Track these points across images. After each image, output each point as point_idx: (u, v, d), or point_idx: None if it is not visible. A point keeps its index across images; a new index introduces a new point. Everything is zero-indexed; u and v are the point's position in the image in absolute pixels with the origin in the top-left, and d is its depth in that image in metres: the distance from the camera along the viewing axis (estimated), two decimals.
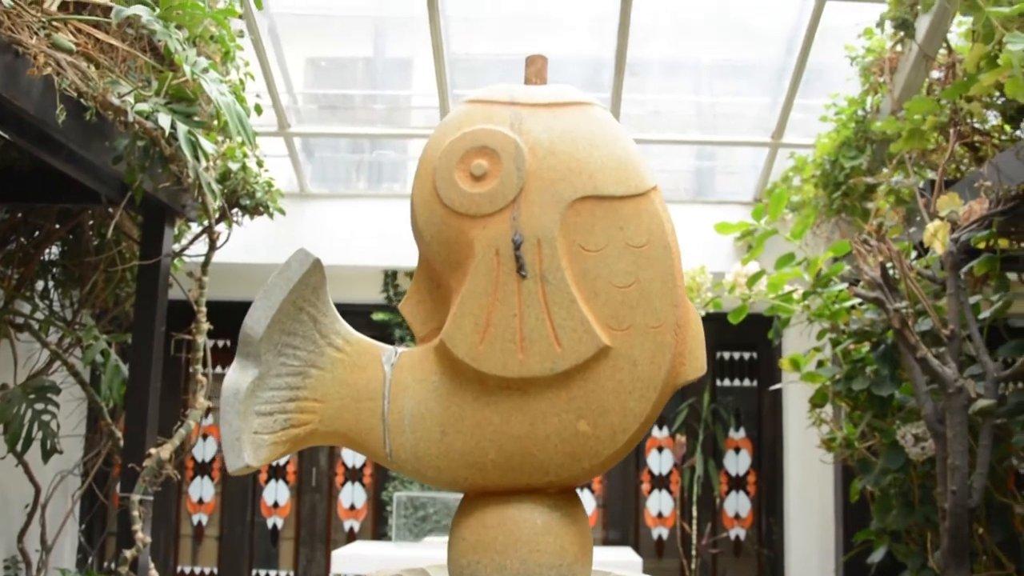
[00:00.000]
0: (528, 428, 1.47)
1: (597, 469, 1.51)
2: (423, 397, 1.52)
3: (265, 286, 1.54)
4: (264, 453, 1.49)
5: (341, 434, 1.55)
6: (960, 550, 3.04)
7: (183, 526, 6.70)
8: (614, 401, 1.47)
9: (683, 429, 6.33)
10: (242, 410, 1.48)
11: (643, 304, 1.48)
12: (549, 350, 1.46)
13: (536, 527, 1.48)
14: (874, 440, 3.64)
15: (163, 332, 3.80)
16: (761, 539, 6.50)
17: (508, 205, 1.51)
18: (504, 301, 1.47)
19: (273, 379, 1.53)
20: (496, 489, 1.52)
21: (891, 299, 2.94)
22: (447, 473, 1.51)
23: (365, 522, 6.64)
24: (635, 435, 1.49)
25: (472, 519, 1.53)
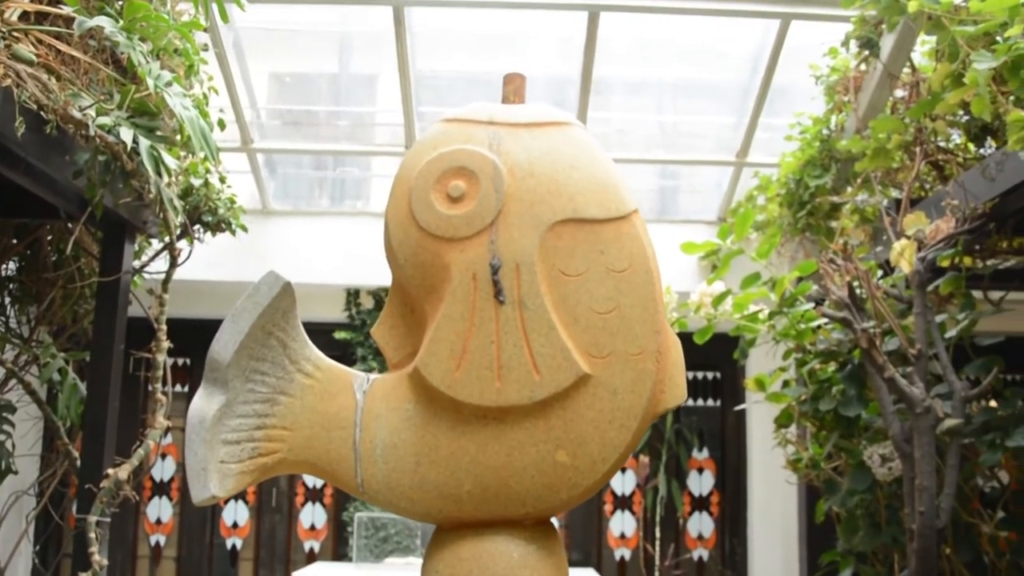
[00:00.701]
0: (505, 458, 1.44)
1: (575, 500, 1.49)
2: (396, 426, 1.48)
3: (233, 309, 1.49)
4: (231, 483, 1.44)
5: (311, 463, 1.51)
6: (928, 571, 3.04)
7: (140, 547, 6.58)
8: (593, 431, 1.44)
9: (646, 449, 6.32)
10: (208, 438, 1.43)
11: (624, 331, 1.45)
12: (527, 378, 1.43)
13: (512, 561, 1.44)
14: (840, 461, 3.64)
15: (122, 350, 3.73)
16: (724, 560, 6.49)
17: (486, 228, 1.47)
18: (481, 327, 1.44)
19: (241, 406, 1.48)
20: (471, 521, 1.48)
21: (858, 319, 2.94)
22: (421, 505, 1.47)
23: (326, 543, 6.56)
24: (614, 465, 1.47)
25: (446, 552, 1.49)
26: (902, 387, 2.89)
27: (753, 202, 5.37)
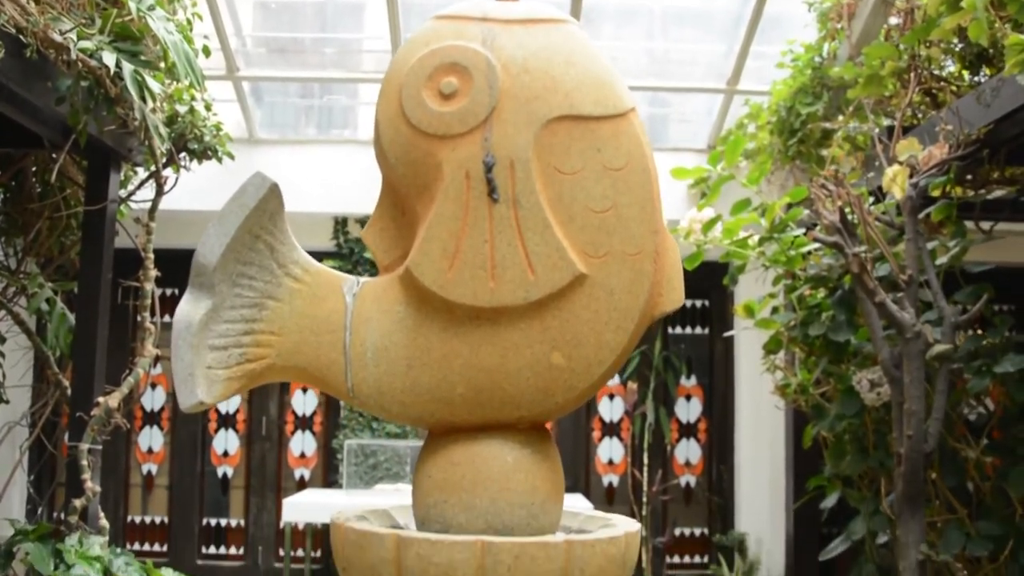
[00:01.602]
0: (499, 360, 1.41)
1: (571, 404, 1.46)
2: (387, 329, 1.45)
3: (219, 212, 1.46)
4: (218, 389, 1.41)
5: (300, 369, 1.48)
6: (915, 494, 3.08)
7: (133, 476, 6.62)
8: (589, 332, 1.41)
9: (634, 376, 6.35)
10: (195, 343, 1.40)
11: (621, 230, 1.42)
12: (522, 278, 1.40)
13: (506, 464, 1.42)
14: (828, 386, 3.66)
15: (110, 280, 3.71)
16: (712, 486, 6.57)
17: (479, 125, 1.44)
18: (474, 226, 1.40)
19: (228, 311, 1.45)
20: (464, 425, 1.46)
21: (850, 243, 2.93)
22: (413, 408, 1.45)
23: (315, 470, 6.61)
24: (611, 368, 1.44)
25: (439, 457, 1.47)
26: (892, 312, 2.89)
27: (744, 130, 5.33)
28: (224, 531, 6.61)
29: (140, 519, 6.62)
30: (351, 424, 6.09)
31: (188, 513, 6.54)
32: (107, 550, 3.49)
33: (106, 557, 3.44)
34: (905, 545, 3.09)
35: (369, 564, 1.07)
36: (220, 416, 6.61)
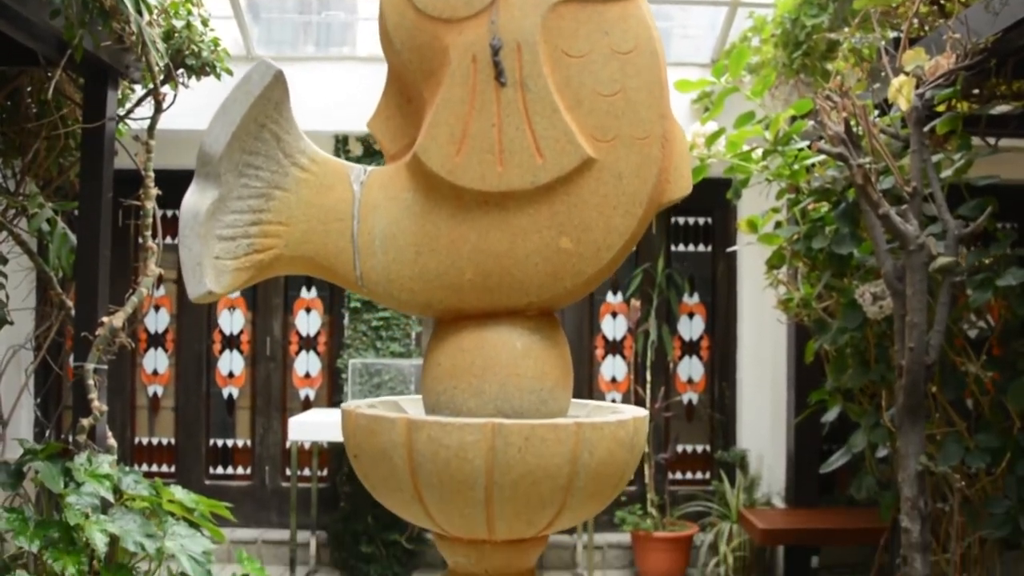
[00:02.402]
0: (507, 246, 1.39)
1: (579, 289, 1.45)
2: (395, 216, 1.43)
3: (223, 101, 1.43)
4: (227, 279, 1.40)
5: (308, 258, 1.46)
6: (915, 406, 3.09)
7: (139, 398, 6.68)
8: (598, 217, 1.39)
9: (637, 294, 6.35)
10: (202, 233, 1.39)
11: (629, 114, 1.39)
12: (530, 161, 1.38)
13: (515, 350, 1.41)
14: (831, 300, 3.66)
15: (111, 199, 3.69)
16: (714, 404, 6.63)
17: (485, 8, 1.40)
18: (482, 110, 1.38)
19: (234, 202, 1.43)
20: (473, 312, 1.45)
21: (854, 154, 2.91)
22: (421, 295, 1.44)
23: (320, 390, 6.66)
24: (619, 253, 1.43)
25: (448, 343, 1.45)
26: (896, 224, 2.88)
27: (748, 43, 5.25)
28: (231, 451, 6.69)
29: (147, 440, 6.69)
30: (355, 344, 6.12)
31: (194, 434, 6.61)
32: (116, 468, 3.53)
33: (115, 475, 3.48)
34: (905, 456, 3.12)
35: (380, 448, 1.07)
36: (224, 337, 6.64)
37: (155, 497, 3.53)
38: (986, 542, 3.41)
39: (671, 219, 6.69)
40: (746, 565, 5.66)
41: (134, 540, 3.29)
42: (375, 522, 5.84)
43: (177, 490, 3.66)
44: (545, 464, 1.05)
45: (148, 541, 3.32)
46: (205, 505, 3.69)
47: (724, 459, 6.29)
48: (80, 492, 3.32)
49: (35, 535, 3.22)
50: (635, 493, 6.41)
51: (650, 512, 5.86)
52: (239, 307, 6.65)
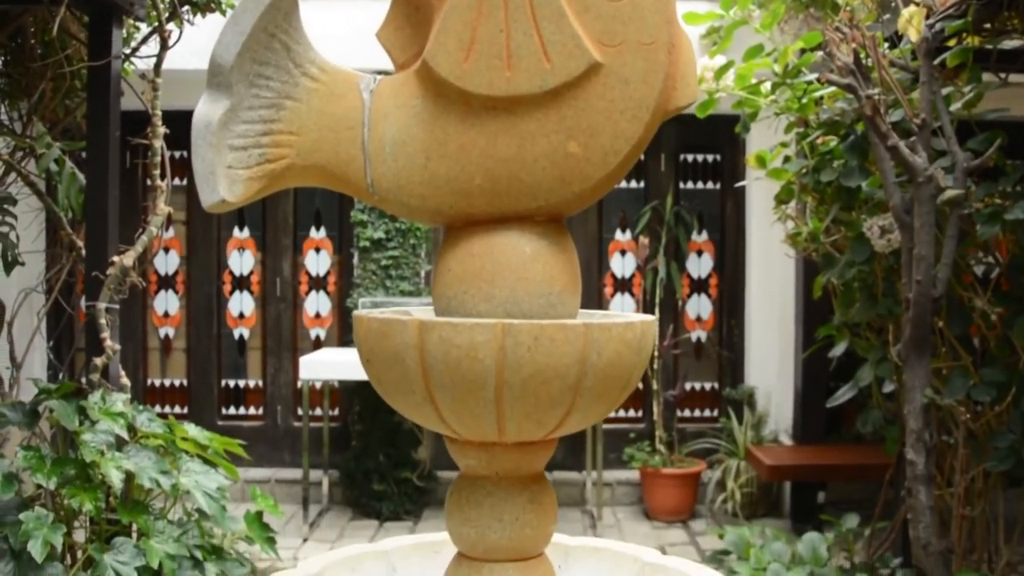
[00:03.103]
0: (516, 150, 1.39)
1: (587, 195, 1.45)
2: (405, 123, 1.44)
3: (233, 11, 1.43)
4: (240, 189, 1.41)
5: (320, 167, 1.47)
6: (922, 339, 3.11)
7: (151, 340, 6.73)
8: (605, 121, 1.39)
9: (646, 232, 6.35)
10: (214, 143, 1.39)
11: (636, 19, 1.38)
12: (538, 66, 1.37)
13: (524, 255, 1.41)
14: (839, 234, 3.66)
15: (118, 138, 3.69)
16: (722, 341, 6.65)
17: None
18: (490, 16, 1.37)
19: (246, 112, 1.44)
20: (482, 217, 1.45)
21: (863, 85, 2.89)
22: (432, 201, 1.44)
23: (331, 330, 6.70)
24: (626, 158, 1.43)
25: (458, 249, 1.46)
26: (904, 156, 2.87)
27: None
28: (243, 391, 6.75)
29: (160, 382, 6.75)
30: (365, 283, 6.14)
31: (207, 375, 6.67)
32: (130, 407, 3.56)
33: (129, 413, 3.51)
34: (910, 389, 3.14)
35: (392, 350, 1.09)
36: (234, 278, 6.67)
37: (169, 435, 3.58)
38: (990, 476, 3.45)
39: (680, 156, 6.67)
40: (753, 501, 5.72)
41: (149, 477, 3.33)
42: (387, 460, 5.90)
43: (191, 428, 3.70)
44: (554, 363, 1.07)
45: (163, 478, 3.36)
46: (218, 443, 3.74)
47: (732, 396, 6.33)
48: (95, 430, 3.36)
49: (52, 472, 3.27)
50: (644, 431, 6.47)
51: (658, 449, 5.92)
52: (248, 248, 6.67)
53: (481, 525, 1.16)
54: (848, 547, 4.10)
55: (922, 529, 3.11)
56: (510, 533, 1.16)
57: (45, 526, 3.14)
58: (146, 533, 3.33)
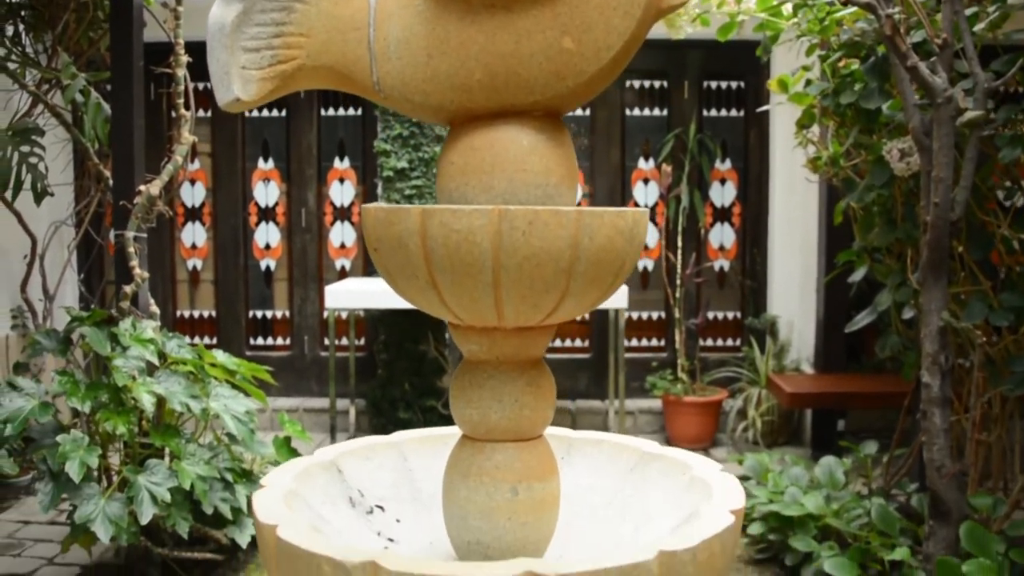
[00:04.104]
0: (513, 46, 1.43)
1: (582, 90, 1.48)
2: (408, 22, 1.48)
3: None
4: (253, 88, 1.46)
5: (328, 67, 1.51)
6: (939, 262, 3.12)
7: (179, 272, 6.82)
8: (598, 17, 1.41)
9: (669, 160, 6.34)
10: (228, 44, 1.44)
11: None
12: None
13: (522, 147, 1.45)
14: (859, 158, 3.65)
15: (142, 67, 3.72)
16: (745, 271, 6.66)
17: None
18: None
19: (257, 15, 1.48)
20: (482, 112, 1.49)
21: (884, 5, 2.87)
22: (434, 97, 1.48)
23: (356, 260, 6.76)
24: (619, 54, 1.45)
25: (460, 143, 1.51)
26: (924, 76, 2.86)
27: None
28: (270, 322, 6.84)
29: (189, 313, 6.85)
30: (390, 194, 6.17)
31: (234, 306, 6.76)
32: (160, 334, 3.64)
33: (159, 340, 3.59)
34: (927, 312, 3.16)
35: (397, 237, 1.14)
36: (260, 210, 6.73)
37: (198, 361, 3.66)
38: (1007, 402, 3.47)
39: (703, 84, 6.62)
40: (774, 430, 5.78)
41: (180, 401, 3.42)
42: (412, 389, 5.99)
43: (219, 354, 3.79)
44: (548, 247, 1.11)
45: (193, 402, 3.45)
46: (246, 368, 3.82)
47: (754, 326, 6.35)
48: (126, 356, 3.44)
49: (86, 396, 3.36)
50: (666, 360, 6.52)
51: (680, 378, 5.97)
52: (273, 179, 6.72)
53: (482, 406, 1.22)
54: (866, 473, 4.15)
55: (936, 451, 3.14)
56: (509, 414, 1.22)
57: (81, 448, 3.24)
58: (178, 456, 3.42)
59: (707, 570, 1.04)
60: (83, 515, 3.19)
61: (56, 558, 3.84)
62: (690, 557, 0.99)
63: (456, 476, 1.24)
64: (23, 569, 3.72)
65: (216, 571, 3.65)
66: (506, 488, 1.22)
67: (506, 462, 1.23)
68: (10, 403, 3.34)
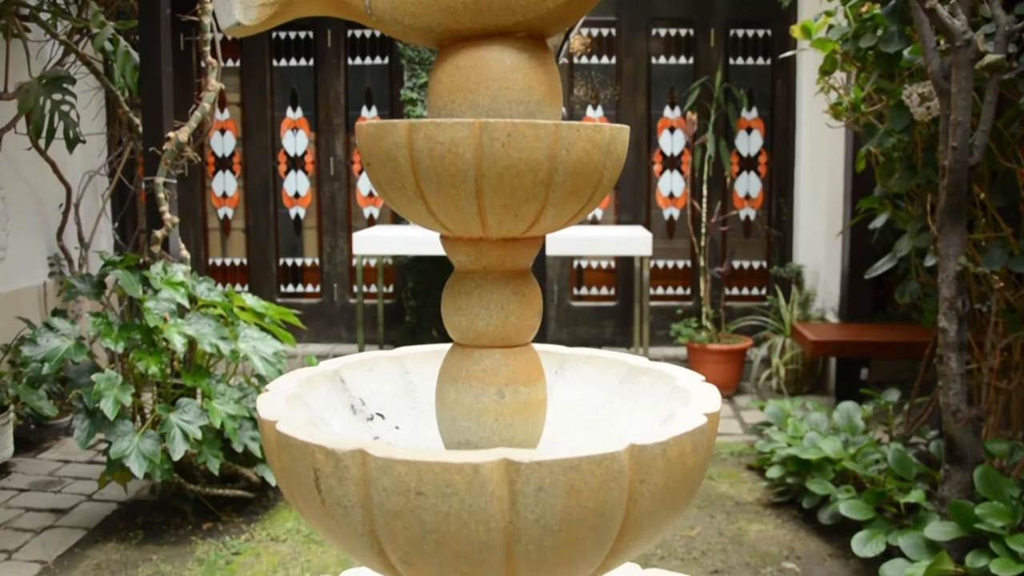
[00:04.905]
0: None
1: (562, 11, 1.50)
2: None
3: None
4: (254, 14, 1.50)
5: None
6: (957, 207, 3.13)
7: (210, 220, 6.91)
8: None
9: (695, 108, 6.33)
10: None
11: None
12: None
13: (505, 66, 1.49)
14: (880, 104, 3.66)
15: (169, 15, 3.78)
16: (771, 220, 6.66)
17: None
18: None
19: None
20: (468, 33, 1.52)
21: None
22: (422, 19, 1.51)
23: (384, 208, 6.82)
24: None
25: (447, 64, 1.55)
26: (942, 17, 2.86)
27: None
28: (300, 270, 6.93)
29: (221, 261, 6.95)
30: None
31: (265, 254, 6.85)
32: (190, 277, 3.73)
33: (189, 283, 3.68)
34: (944, 257, 3.18)
35: (386, 150, 1.19)
36: (289, 159, 6.80)
37: (227, 304, 3.75)
38: None
39: (729, 32, 6.59)
40: (798, 378, 5.81)
41: (210, 342, 3.51)
42: (439, 335, 6.07)
43: (248, 297, 3.87)
44: (526, 158, 1.16)
45: (223, 343, 3.54)
46: (274, 311, 3.90)
47: (780, 275, 6.37)
48: (158, 298, 3.54)
49: (119, 337, 3.46)
50: (691, 308, 6.56)
51: (705, 325, 6.00)
52: (302, 128, 6.77)
53: (470, 314, 1.29)
54: (887, 421, 4.19)
55: (952, 396, 3.17)
56: (496, 321, 1.28)
57: (115, 387, 3.35)
58: (208, 396, 3.53)
59: (678, 466, 1.10)
60: (118, 451, 3.30)
61: (94, 495, 3.97)
62: (660, 451, 1.05)
63: (446, 381, 1.31)
64: (63, 505, 3.86)
65: (247, 508, 3.77)
66: (493, 391, 1.29)
67: (493, 366, 1.30)
68: (47, 343, 3.45)
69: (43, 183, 5.40)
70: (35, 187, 5.42)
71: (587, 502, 1.02)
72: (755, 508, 3.81)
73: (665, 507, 1.10)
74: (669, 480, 1.08)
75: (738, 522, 3.68)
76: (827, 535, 3.52)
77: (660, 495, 1.08)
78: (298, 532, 3.53)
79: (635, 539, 1.11)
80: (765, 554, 3.39)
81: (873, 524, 3.25)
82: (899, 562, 3.03)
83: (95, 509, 3.81)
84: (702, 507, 3.82)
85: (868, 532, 3.21)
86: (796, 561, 3.34)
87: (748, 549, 3.42)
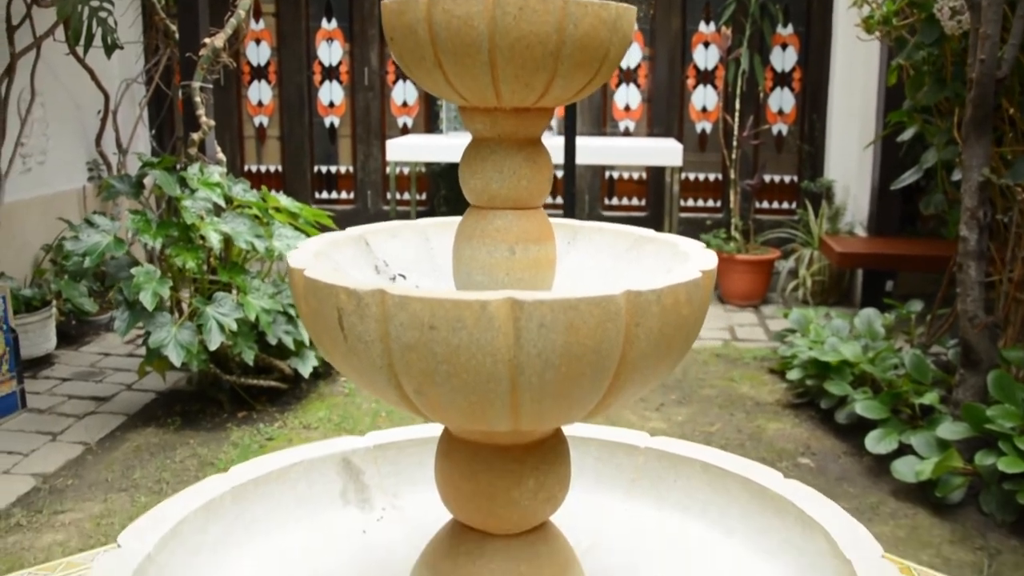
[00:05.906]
0: None
1: None
2: None
3: None
4: None
5: None
6: (982, 120, 3.16)
7: (246, 128, 7.00)
8: None
9: (729, 23, 6.29)
10: None
11: None
12: None
13: None
14: (913, 17, 3.66)
15: None
16: (803, 135, 6.65)
17: None
18: None
19: None
20: None
21: None
22: None
23: (417, 118, 6.88)
24: None
25: None
26: None
27: None
28: (335, 177, 7.03)
29: (256, 168, 7.06)
30: None
31: (300, 161, 6.95)
32: (226, 178, 3.83)
33: (225, 184, 3.78)
34: (968, 168, 3.22)
35: (407, 24, 1.27)
36: (324, 69, 6.85)
37: (262, 203, 3.85)
38: None
39: None
40: (824, 289, 5.87)
41: (245, 240, 3.63)
42: None
43: (282, 197, 3.98)
44: (536, 30, 1.23)
45: (257, 241, 3.66)
46: (308, 212, 4.01)
47: (810, 189, 6.39)
48: (194, 198, 3.64)
49: (158, 233, 3.58)
50: (721, 220, 6.61)
51: (734, 236, 6.05)
52: (336, 39, 6.81)
53: (485, 177, 1.37)
54: (909, 330, 4.25)
55: (970, 303, 3.24)
56: (508, 183, 1.37)
57: (154, 280, 3.48)
58: (244, 291, 3.65)
59: (672, 314, 1.18)
60: (156, 340, 3.44)
61: (134, 384, 4.14)
62: (655, 298, 1.13)
63: (462, 239, 1.40)
64: (104, 393, 4.03)
65: (280, 398, 3.92)
66: (504, 248, 1.38)
67: (505, 226, 1.38)
68: (88, 238, 3.58)
69: (81, 90, 5.50)
70: (74, 94, 5.52)
71: (585, 339, 1.10)
72: (774, 408, 3.91)
73: (659, 352, 1.19)
74: (664, 326, 1.16)
75: (757, 420, 3.78)
76: (843, 434, 3.62)
77: (655, 339, 1.16)
78: (329, 420, 3.68)
79: (631, 379, 1.20)
80: (781, 450, 3.50)
81: (888, 424, 3.34)
82: (910, 459, 3.13)
83: (134, 398, 3.98)
84: (723, 406, 3.93)
85: (882, 431, 3.31)
86: (811, 457, 3.44)
87: (765, 445, 3.53)
